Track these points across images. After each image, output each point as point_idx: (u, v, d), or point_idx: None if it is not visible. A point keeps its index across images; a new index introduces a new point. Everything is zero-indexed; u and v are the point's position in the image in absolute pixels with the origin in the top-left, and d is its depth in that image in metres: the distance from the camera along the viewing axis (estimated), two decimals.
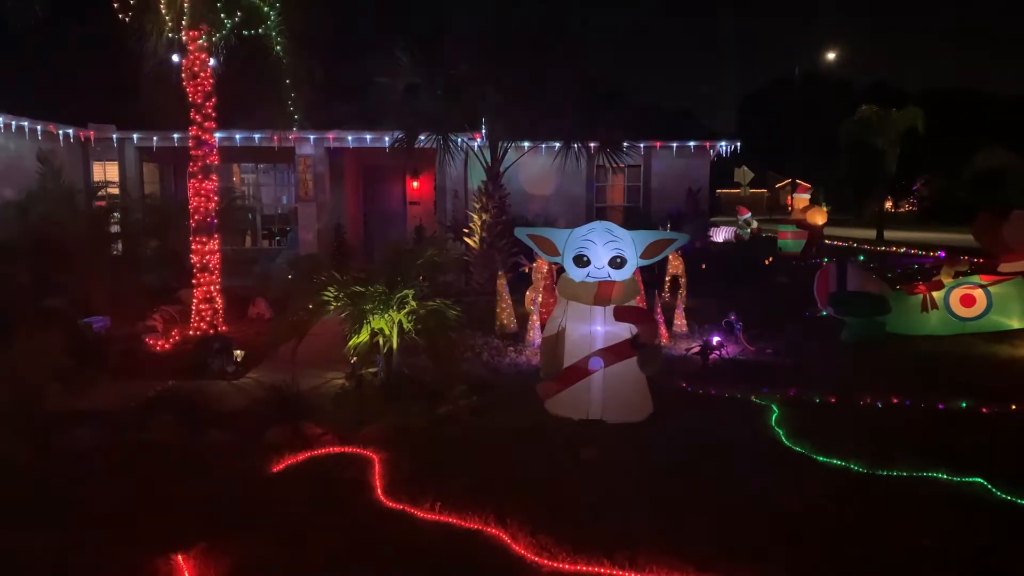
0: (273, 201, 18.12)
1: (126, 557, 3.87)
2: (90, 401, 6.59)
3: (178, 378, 7.37)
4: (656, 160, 17.27)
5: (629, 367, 6.14)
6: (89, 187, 15.07)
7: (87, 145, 15.26)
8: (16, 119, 12.73)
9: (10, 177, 12.85)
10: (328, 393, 6.76)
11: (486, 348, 8.83)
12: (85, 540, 4.08)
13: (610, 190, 17.80)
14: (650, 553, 3.82)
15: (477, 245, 13.55)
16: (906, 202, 53.52)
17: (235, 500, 4.64)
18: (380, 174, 17.98)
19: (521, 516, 4.23)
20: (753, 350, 8.83)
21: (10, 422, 5.63)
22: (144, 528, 4.23)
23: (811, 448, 5.42)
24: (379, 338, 6.55)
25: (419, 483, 4.73)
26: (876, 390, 6.87)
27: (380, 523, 4.32)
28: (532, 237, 6.55)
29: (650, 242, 6.26)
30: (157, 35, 10.21)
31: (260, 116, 14.33)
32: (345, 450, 5.43)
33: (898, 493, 4.74)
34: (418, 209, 17.98)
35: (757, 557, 3.86)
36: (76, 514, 4.42)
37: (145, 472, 5.08)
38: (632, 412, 6.18)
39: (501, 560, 3.87)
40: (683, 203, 17.17)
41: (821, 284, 10.00)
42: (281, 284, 12.27)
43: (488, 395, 6.60)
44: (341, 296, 6.54)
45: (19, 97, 12.86)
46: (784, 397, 6.76)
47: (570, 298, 6.28)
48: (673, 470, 5.13)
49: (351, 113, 14.71)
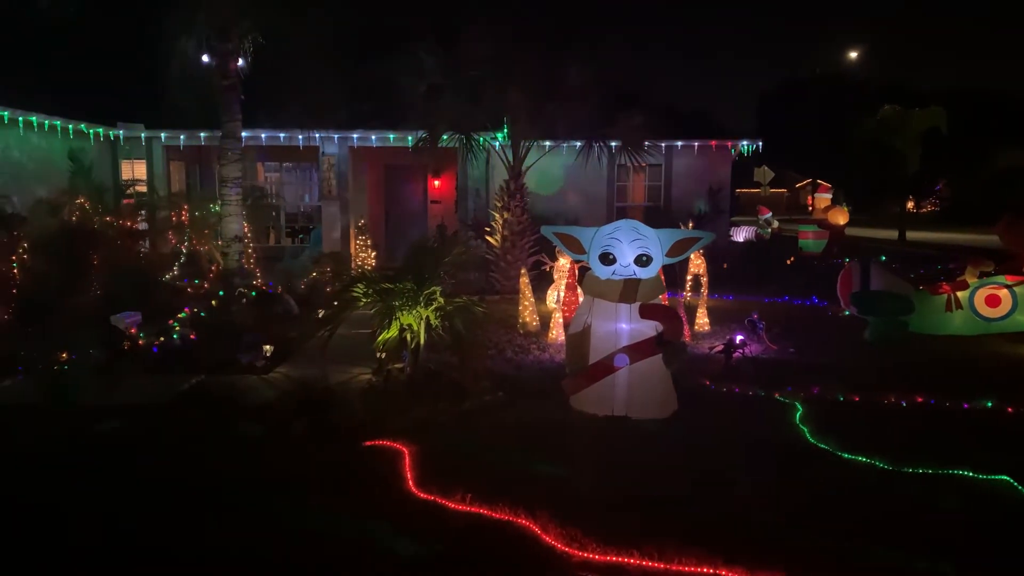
0: (296, 199, 18.32)
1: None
2: (124, 394, 6.74)
3: (208, 372, 7.51)
4: (677, 159, 17.28)
5: (654, 364, 6.21)
6: (118, 185, 15.33)
7: (116, 144, 15.52)
8: (49, 118, 12.98)
9: (43, 175, 13.11)
10: (356, 388, 6.88)
11: (509, 346, 8.92)
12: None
13: (631, 189, 17.82)
14: (677, 545, 3.89)
15: (499, 244, 13.64)
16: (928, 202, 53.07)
17: (269, 490, 4.76)
18: (402, 173, 18.13)
19: (549, 508, 4.30)
20: (776, 349, 8.87)
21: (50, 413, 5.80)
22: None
23: (835, 445, 5.46)
24: (407, 334, 6.66)
25: (448, 475, 4.81)
26: (900, 389, 6.89)
27: (412, 513, 4.41)
28: (558, 235, 6.64)
29: (676, 240, 6.33)
30: (187, 36, 10.40)
31: (285, 115, 14.53)
32: (375, 443, 5.54)
33: (923, 490, 4.77)
34: (439, 208, 18.10)
35: (783, 550, 3.91)
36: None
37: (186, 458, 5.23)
38: (657, 409, 6.24)
39: (532, 550, 3.96)
40: (704, 202, 17.17)
41: (844, 283, 10.01)
42: (306, 281, 12.43)
43: (513, 391, 6.70)
44: (370, 292, 6.65)
45: (51, 96, 13.10)
46: (807, 395, 6.80)
47: (596, 296, 6.36)
48: (698, 465, 5.20)
49: (374, 113, 14.86)
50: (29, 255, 10.08)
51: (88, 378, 7.15)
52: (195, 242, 13.18)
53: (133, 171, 15.85)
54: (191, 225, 13.17)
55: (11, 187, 12.08)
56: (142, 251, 13.07)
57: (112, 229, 12.06)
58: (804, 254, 19.35)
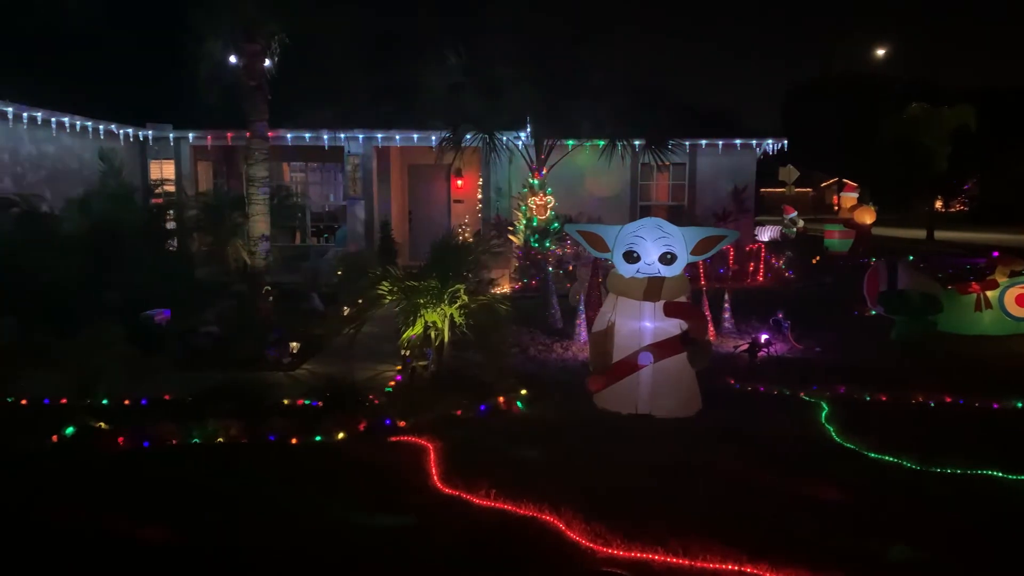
0: (322, 199, 18.47)
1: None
2: (153, 390, 6.84)
3: (236, 369, 7.60)
4: (701, 158, 17.18)
5: (678, 362, 6.20)
6: (147, 185, 15.53)
7: (145, 144, 15.74)
8: (80, 119, 13.20)
9: (74, 174, 13.34)
10: (381, 384, 6.94)
11: (533, 344, 8.94)
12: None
13: (654, 188, 17.75)
14: (702, 542, 3.90)
15: (522, 243, 13.67)
16: (957, 202, 52.27)
17: (295, 484, 4.83)
18: (425, 172, 18.20)
19: (573, 505, 4.33)
20: (801, 348, 8.81)
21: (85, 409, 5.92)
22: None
23: (862, 444, 5.42)
24: (431, 331, 6.71)
25: (473, 471, 4.85)
26: (927, 389, 6.83)
27: (437, 508, 4.45)
28: (582, 233, 6.65)
29: (701, 238, 6.32)
30: (214, 37, 10.53)
31: (312, 116, 14.69)
32: (401, 439, 5.59)
33: (951, 490, 4.73)
34: (462, 207, 18.16)
35: (807, 549, 3.90)
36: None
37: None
38: (681, 407, 6.23)
39: (557, 545, 3.98)
40: (728, 202, 17.07)
41: (871, 283, 9.91)
42: (331, 279, 12.54)
43: (536, 389, 6.71)
44: (395, 290, 6.71)
45: (83, 98, 13.32)
46: (833, 395, 6.76)
47: (619, 294, 6.37)
48: (723, 463, 5.18)
49: (398, 112, 14.95)
50: (61, 253, 10.26)
51: (118, 374, 7.30)
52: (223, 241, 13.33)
53: (162, 171, 16.07)
54: (219, 224, 13.32)
55: (44, 186, 12.31)
56: (171, 249, 13.26)
57: (141, 228, 12.25)
58: (830, 254, 19.18)
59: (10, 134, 11.82)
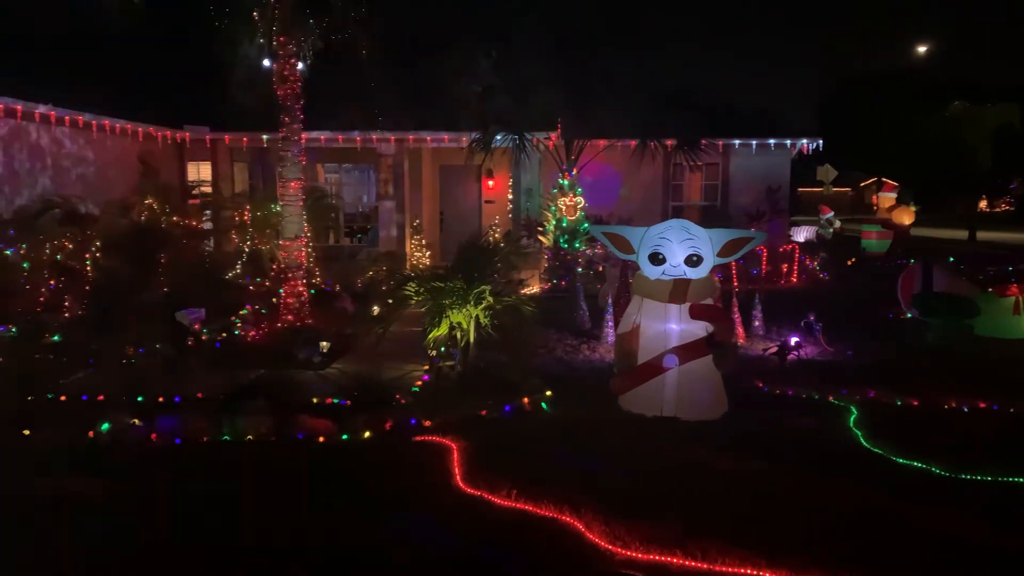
0: (355, 200, 18.65)
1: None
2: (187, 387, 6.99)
3: (267, 367, 7.73)
4: (735, 158, 17.01)
5: (704, 365, 6.17)
6: (184, 186, 15.86)
7: (183, 145, 16.05)
8: (120, 121, 13.51)
9: (114, 176, 13.66)
10: (408, 384, 7.01)
11: (560, 344, 8.95)
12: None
13: (687, 188, 17.63)
14: (722, 546, 3.88)
15: (551, 243, 13.68)
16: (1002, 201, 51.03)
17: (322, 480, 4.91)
18: (457, 173, 18.28)
19: (594, 506, 4.34)
20: (832, 351, 8.69)
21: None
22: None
23: (890, 450, 5.35)
24: (457, 332, 6.76)
25: (496, 471, 4.89)
26: (961, 394, 6.69)
27: (459, 507, 4.50)
28: (607, 235, 6.65)
29: (727, 240, 6.27)
30: (249, 41, 10.72)
31: (345, 118, 14.85)
32: (425, 438, 5.64)
33: (980, 497, 4.64)
34: (493, 208, 18.20)
35: (829, 555, 3.86)
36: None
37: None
38: (707, 410, 6.20)
39: (576, 547, 4.00)
40: (762, 202, 16.87)
41: (905, 285, 9.74)
42: (363, 280, 12.67)
43: (562, 390, 6.73)
44: (421, 291, 6.78)
45: (122, 101, 13.63)
46: (863, 399, 6.66)
47: (645, 295, 6.35)
48: (746, 467, 5.15)
49: (430, 114, 15.06)
50: (101, 253, 10.54)
51: (153, 371, 7.48)
52: (257, 241, 13.58)
53: (199, 172, 16.38)
54: (253, 225, 13.57)
55: (85, 188, 12.63)
56: (207, 250, 13.53)
57: (178, 229, 12.52)
58: (867, 255, 18.86)
59: (51, 136, 12.15)
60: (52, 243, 10.28)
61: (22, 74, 11.22)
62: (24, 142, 11.53)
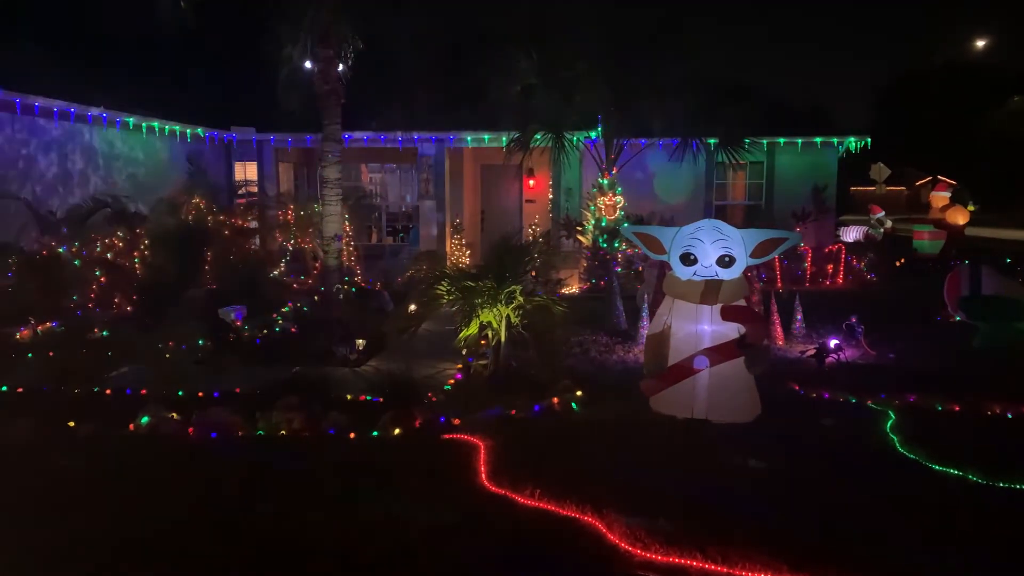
0: (397, 199, 18.87)
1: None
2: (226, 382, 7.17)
3: (305, 364, 7.87)
4: (780, 156, 16.72)
5: (736, 367, 6.09)
6: (231, 186, 16.25)
7: (230, 146, 16.44)
8: (169, 123, 13.90)
9: (163, 176, 14.07)
10: (440, 382, 7.08)
11: (594, 344, 8.93)
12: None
13: (731, 188, 17.39)
14: (744, 550, 3.84)
15: (590, 243, 13.64)
16: None
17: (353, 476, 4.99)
18: (497, 173, 18.33)
19: (617, 507, 4.32)
20: (874, 354, 8.50)
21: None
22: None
23: (926, 456, 5.21)
24: (488, 331, 6.79)
25: (521, 470, 4.90)
26: (1006, 400, 6.48)
27: (483, 506, 4.53)
28: (638, 235, 6.61)
29: (761, 240, 6.17)
30: (292, 43, 10.95)
31: (386, 118, 15.05)
32: (454, 437, 5.69)
33: (1016, 507, 4.50)
34: (534, 207, 18.21)
35: (854, 562, 3.79)
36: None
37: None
38: (739, 413, 6.12)
39: (595, 547, 3.99)
40: (808, 201, 16.56)
41: (952, 287, 9.46)
42: (403, 278, 12.82)
43: (592, 390, 6.71)
44: (453, 291, 6.83)
45: (171, 103, 14.03)
46: (903, 403, 6.50)
47: (676, 296, 6.30)
48: (775, 470, 5.08)
49: (470, 114, 15.14)
50: (149, 251, 10.87)
51: (195, 366, 7.70)
52: (300, 240, 13.84)
53: (245, 172, 16.76)
54: (296, 224, 13.84)
55: (135, 187, 13.03)
56: (252, 248, 13.85)
57: (225, 227, 12.84)
58: (919, 256, 18.35)
59: (103, 137, 12.55)
60: (102, 241, 10.63)
61: (76, 77, 11.62)
62: (77, 143, 11.94)
